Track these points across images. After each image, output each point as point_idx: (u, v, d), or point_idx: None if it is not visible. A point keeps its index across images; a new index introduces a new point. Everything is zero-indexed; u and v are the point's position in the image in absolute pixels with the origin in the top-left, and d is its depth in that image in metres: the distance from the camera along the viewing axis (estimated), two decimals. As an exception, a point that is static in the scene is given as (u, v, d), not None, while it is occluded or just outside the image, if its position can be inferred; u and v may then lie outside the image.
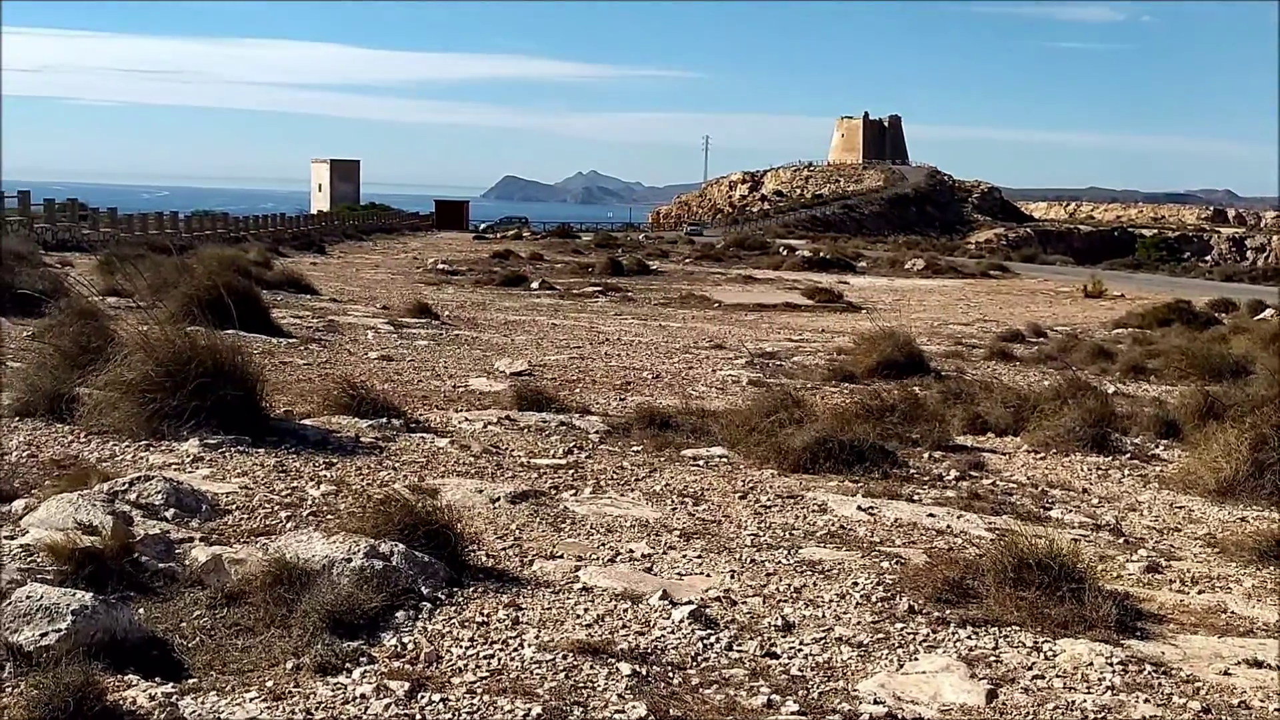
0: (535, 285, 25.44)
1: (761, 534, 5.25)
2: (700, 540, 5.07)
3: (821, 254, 42.82)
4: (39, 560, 3.91)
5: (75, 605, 3.33)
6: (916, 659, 3.80)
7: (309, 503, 5.14)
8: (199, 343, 6.35)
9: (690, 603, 4.12)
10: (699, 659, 3.67)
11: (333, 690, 3.22)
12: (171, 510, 4.69)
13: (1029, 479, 7.03)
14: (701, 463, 6.77)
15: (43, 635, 3.24)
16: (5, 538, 4.19)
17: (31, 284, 11.50)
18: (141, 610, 3.65)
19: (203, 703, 3.09)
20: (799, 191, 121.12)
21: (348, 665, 3.38)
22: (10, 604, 3.37)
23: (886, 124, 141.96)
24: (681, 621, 3.94)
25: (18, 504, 4.57)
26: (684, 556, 4.80)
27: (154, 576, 3.96)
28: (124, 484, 4.80)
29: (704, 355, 13.51)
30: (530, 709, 3.17)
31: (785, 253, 44.92)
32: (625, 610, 4.04)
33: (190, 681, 3.23)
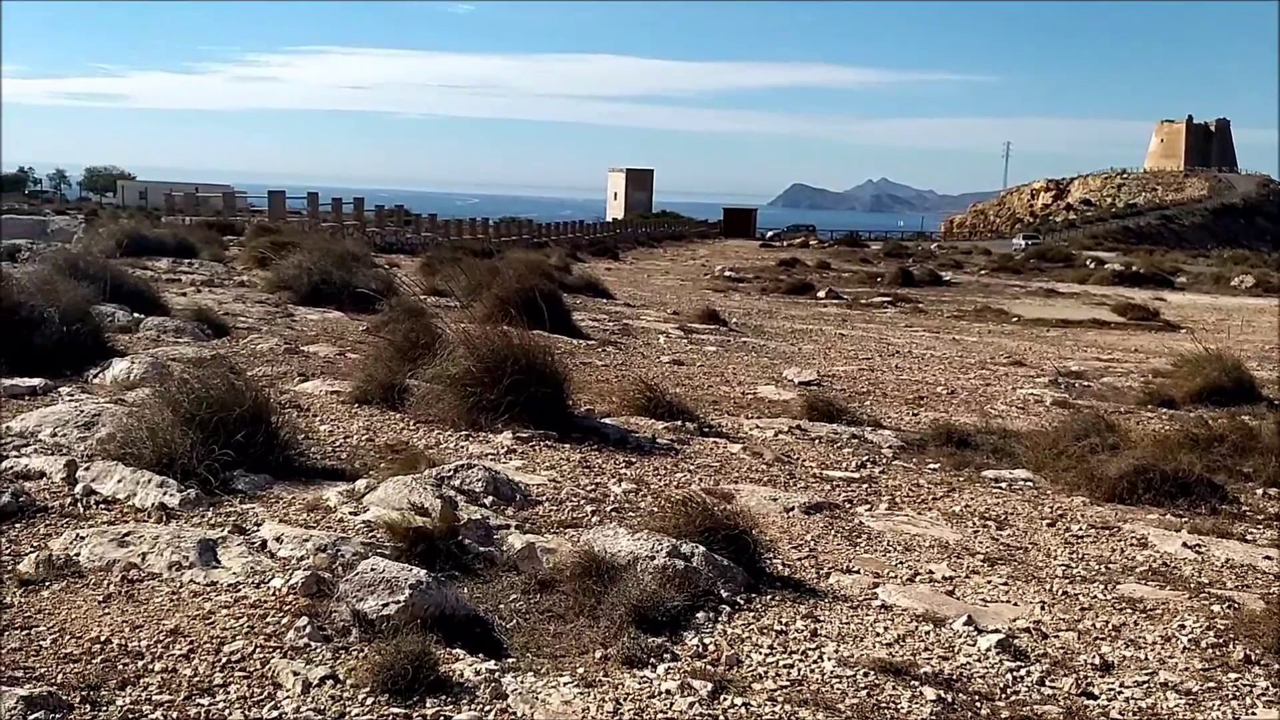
0: (822, 294, 25.25)
1: (1074, 565, 4.95)
2: (1005, 567, 4.84)
3: (1134, 267, 39.79)
4: (378, 536, 4.29)
5: (412, 580, 3.63)
6: (1254, 713, 3.46)
7: (611, 499, 5.33)
8: (514, 342, 6.75)
9: (997, 631, 3.94)
10: (1008, 691, 3.50)
11: (639, 683, 3.32)
12: (490, 498, 5.01)
13: (1390, 527, 6.21)
14: (1004, 485, 6.46)
15: (384, 605, 3.55)
16: (349, 514, 4.63)
17: (366, 283, 12.64)
18: (465, 589, 3.92)
19: (522, 682, 3.27)
20: (1109, 200, 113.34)
21: (652, 660, 3.48)
22: (357, 574, 3.72)
23: (1213, 128, 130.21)
24: (988, 650, 3.77)
25: (360, 483, 5.03)
26: (988, 582, 4.60)
27: (475, 559, 4.24)
28: (449, 470, 5.18)
29: (1002, 372, 12.90)
30: (831, 724, 3.14)
31: (1092, 265, 42.15)
32: (927, 632, 3.92)
33: (509, 661, 3.44)
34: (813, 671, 3.51)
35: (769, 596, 4.18)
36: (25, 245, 17.65)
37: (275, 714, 2.99)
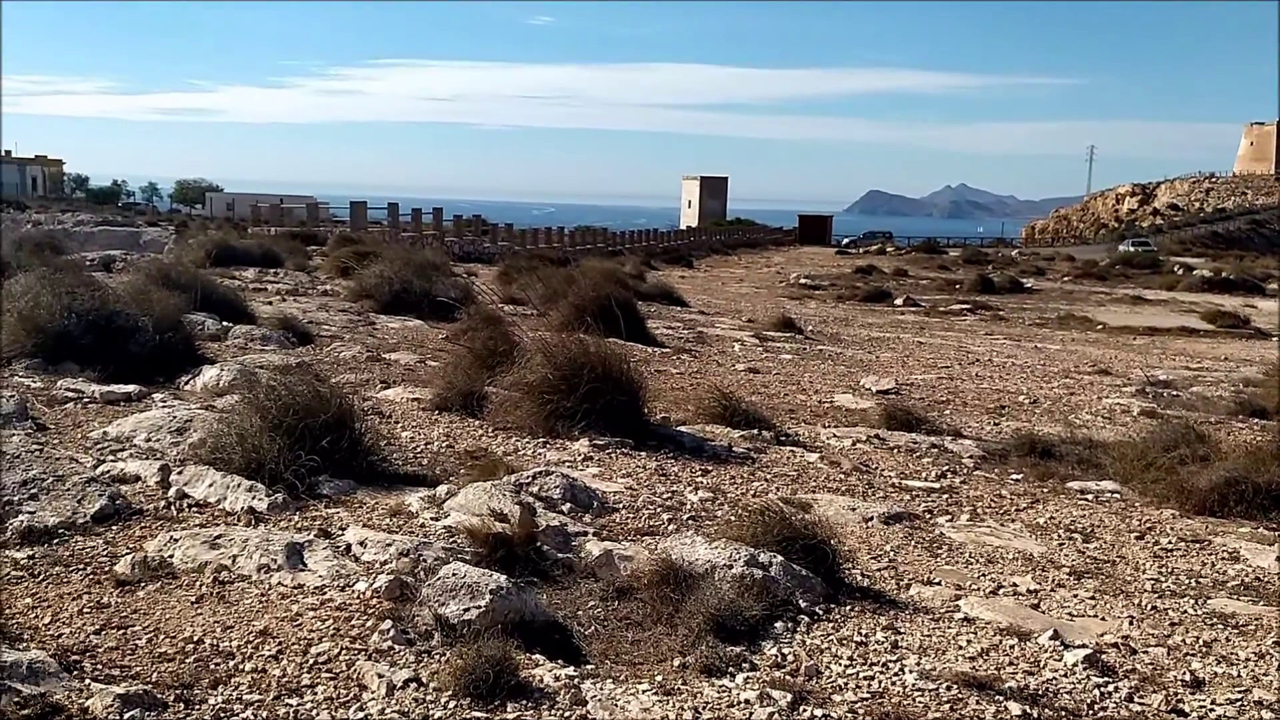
0: (899, 301, 24.96)
1: (1163, 579, 4.81)
2: (1092, 580, 4.73)
3: (1224, 274, 38.57)
4: (459, 541, 4.34)
5: (493, 585, 3.68)
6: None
7: (688, 507, 5.34)
8: (590, 350, 6.79)
9: (1084, 646, 3.85)
10: (1095, 708, 3.42)
11: (718, 692, 3.32)
12: (567, 504, 5.05)
13: None
14: (1090, 497, 6.32)
15: (465, 610, 3.60)
16: (431, 519, 4.70)
17: (445, 292, 12.84)
18: (544, 595, 3.95)
19: (601, 688, 3.29)
20: (1197, 205, 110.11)
21: (731, 669, 3.47)
22: (439, 579, 3.78)
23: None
24: (1075, 665, 3.69)
25: (440, 489, 5.11)
26: (1074, 596, 4.50)
27: (554, 565, 4.28)
28: (527, 477, 5.23)
29: (1087, 381, 12.60)
30: (913, 737, 3.10)
31: (1180, 271, 40.99)
32: (1012, 646, 3.85)
33: (588, 667, 3.46)
34: (894, 684, 3.47)
35: (848, 607, 4.14)
36: (120, 256, 18.26)
37: (361, 715, 3.05)
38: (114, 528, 4.40)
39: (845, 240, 76.91)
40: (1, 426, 5.56)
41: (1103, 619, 4.26)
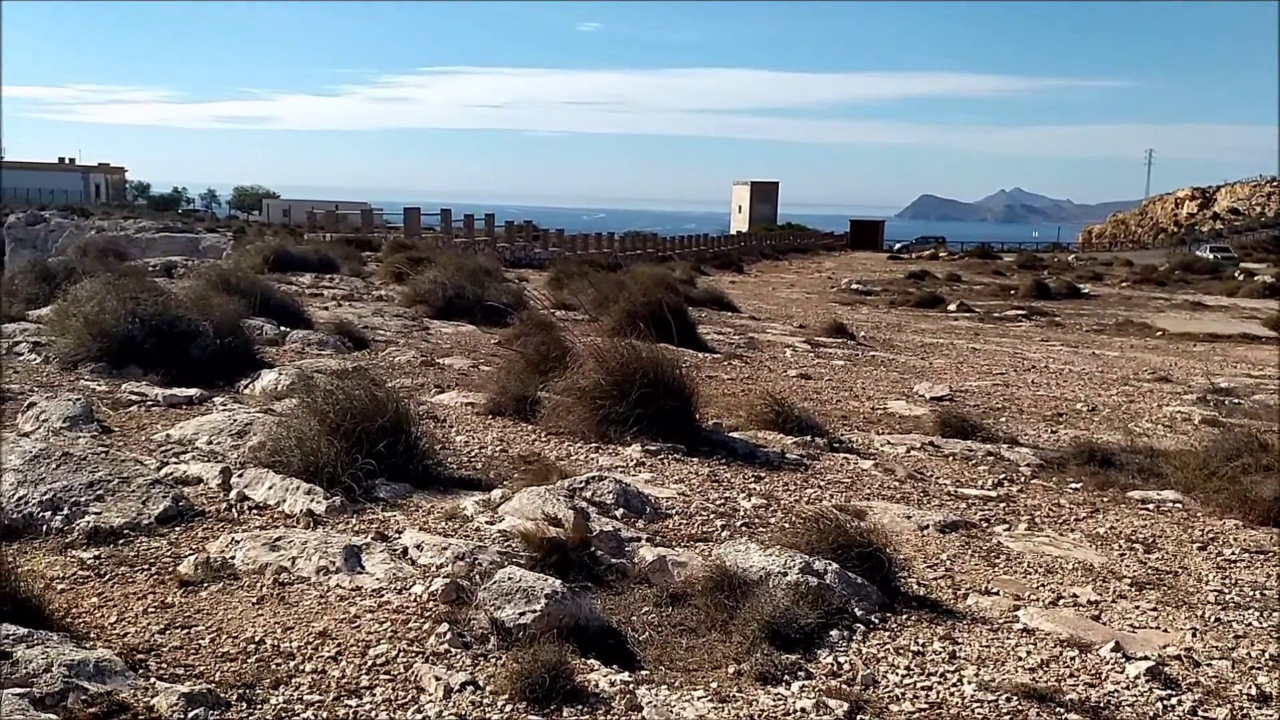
0: (953, 307, 24.70)
1: (1226, 591, 4.71)
2: (1154, 591, 4.64)
3: (1287, 279, 37.71)
4: (513, 545, 4.37)
5: (548, 589, 3.69)
6: None
7: (741, 513, 5.32)
8: (642, 355, 6.80)
9: (1146, 658, 3.78)
10: (1159, 722, 3.36)
11: (773, 700, 3.30)
12: (620, 510, 5.05)
13: None
14: (1151, 506, 6.20)
15: (521, 614, 3.62)
16: (485, 523, 4.73)
17: (497, 297, 12.92)
18: (598, 600, 3.96)
19: (656, 694, 3.29)
20: (1259, 209, 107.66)
21: (786, 677, 3.45)
22: (494, 583, 3.80)
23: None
24: (1137, 678, 3.63)
25: (495, 493, 5.14)
26: (1136, 607, 4.42)
27: (607, 570, 4.28)
28: (581, 482, 5.25)
29: (1146, 388, 12.38)
30: (972, 748, 3.06)
31: (1241, 277, 40.13)
32: (1072, 658, 3.79)
33: (643, 673, 3.46)
34: (952, 695, 3.44)
35: (905, 616, 4.10)
36: (180, 262, 18.62)
37: (419, 717, 3.08)
38: (177, 529, 4.48)
39: (897, 245, 76.26)
40: (70, 429, 5.70)
41: (1165, 631, 4.18)
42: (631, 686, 3.32)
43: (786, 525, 4.96)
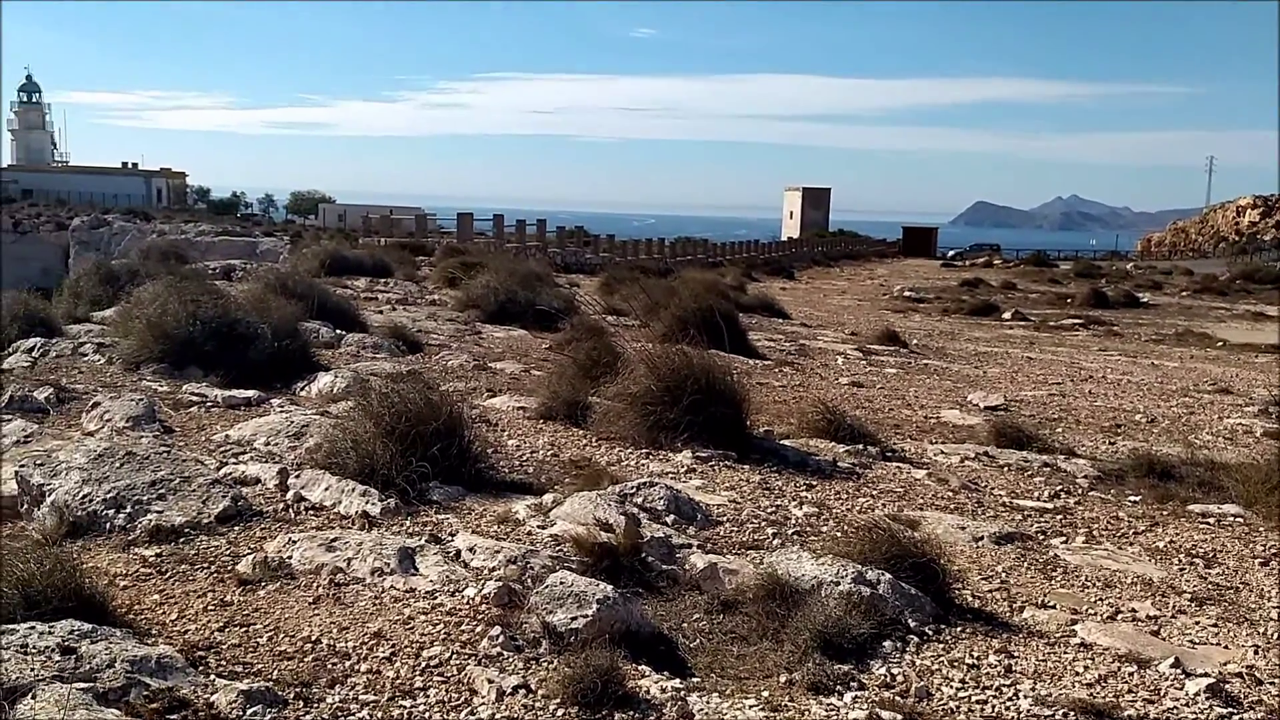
0: (1007, 315, 24.36)
1: (1292, 609, 4.60)
2: (1214, 607, 4.55)
3: (1355, 289, 36.74)
4: (565, 550, 4.39)
5: (600, 595, 3.71)
6: None
7: (792, 522, 5.29)
8: (693, 361, 6.80)
9: (1207, 675, 3.71)
10: (1221, 741, 3.29)
11: (825, 710, 3.28)
12: (671, 516, 5.06)
13: None
14: (1212, 520, 6.08)
15: (572, 619, 3.64)
16: (537, 527, 4.76)
17: (549, 302, 13.00)
18: (649, 607, 3.97)
19: (708, 702, 3.29)
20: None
21: (839, 688, 3.43)
22: (546, 587, 3.82)
23: None
24: (1197, 695, 3.55)
25: (546, 497, 5.17)
26: (1196, 623, 4.33)
27: (658, 576, 4.29)
28: (632, 488, 5.26)
29: (1207, 400, 12.13)
30: (1027, 764, 3.02)
31: (1306, 287, 39.14)
32: (1131, 674, 3.73)
33: (694, 680, 3.46)
34: (1008, 709, 3.39)
35: (959, 628, 4.06)
36: (239, 265, 18.94)
37: (472, 719, 3.10)
38: (236, 528, 4.56)
39: (951, 252, 75.43)
40: (133, 429, 5.83)
41: (1226, 647, 4.10)
42: (682, 693, 3.32)
43: (839, 534, 4.93)
